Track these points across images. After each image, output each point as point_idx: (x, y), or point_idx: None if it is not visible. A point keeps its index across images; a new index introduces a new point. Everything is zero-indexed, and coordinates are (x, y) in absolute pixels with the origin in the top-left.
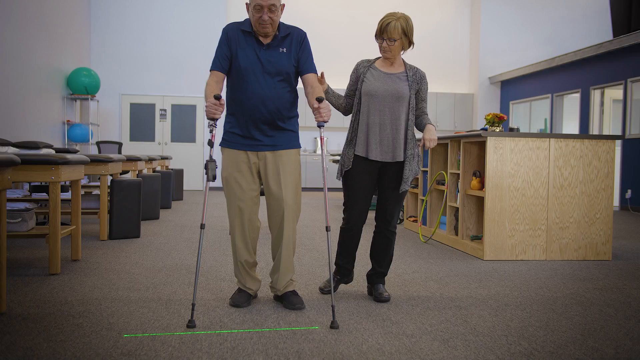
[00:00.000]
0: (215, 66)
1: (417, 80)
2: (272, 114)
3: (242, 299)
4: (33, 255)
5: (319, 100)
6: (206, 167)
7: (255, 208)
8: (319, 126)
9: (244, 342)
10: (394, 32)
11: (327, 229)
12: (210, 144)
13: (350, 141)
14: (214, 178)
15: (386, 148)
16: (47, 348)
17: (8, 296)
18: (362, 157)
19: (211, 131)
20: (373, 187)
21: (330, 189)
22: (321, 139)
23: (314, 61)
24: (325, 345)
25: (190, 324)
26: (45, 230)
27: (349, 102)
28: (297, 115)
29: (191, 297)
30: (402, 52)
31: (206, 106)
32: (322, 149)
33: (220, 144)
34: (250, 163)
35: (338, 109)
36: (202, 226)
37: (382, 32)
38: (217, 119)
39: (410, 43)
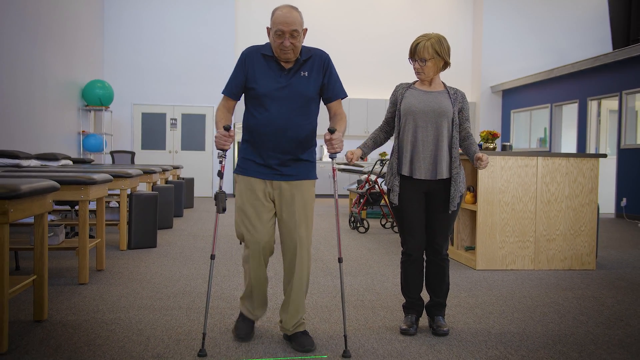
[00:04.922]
0: (227, 91)
1: (459, 99)
2: (290, 143)
3: (247, 329)
4: (61, 265)
5: (331, 131)
6: (216, 198)
7: (272, 234)
8: (331, 157)
9: None
10: (424, 52)
11: (340, 260)
12: (220, 174)
13: (395, 165)
14: (224, 210)
15: (429, 165)
16: (88, 351)
17: (48, 304)
18: (408, 177)
19: (221, 162)
20: (424, 210)
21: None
22: (333, 170)
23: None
24: None
25: (202, 353)
26: (75, 243)
27: (390, 126)
28: (315, 145)
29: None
30: (438, 73)
31: (215, 136)
32: (334, 181)
33: (235, 171)
34: (265, 191)
35: (382, 144)
36: (212, 257)
37: (414, 54)
38: (226, 150)
39: (446, 63)
